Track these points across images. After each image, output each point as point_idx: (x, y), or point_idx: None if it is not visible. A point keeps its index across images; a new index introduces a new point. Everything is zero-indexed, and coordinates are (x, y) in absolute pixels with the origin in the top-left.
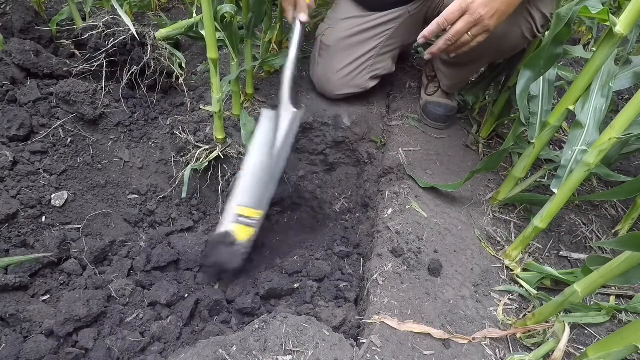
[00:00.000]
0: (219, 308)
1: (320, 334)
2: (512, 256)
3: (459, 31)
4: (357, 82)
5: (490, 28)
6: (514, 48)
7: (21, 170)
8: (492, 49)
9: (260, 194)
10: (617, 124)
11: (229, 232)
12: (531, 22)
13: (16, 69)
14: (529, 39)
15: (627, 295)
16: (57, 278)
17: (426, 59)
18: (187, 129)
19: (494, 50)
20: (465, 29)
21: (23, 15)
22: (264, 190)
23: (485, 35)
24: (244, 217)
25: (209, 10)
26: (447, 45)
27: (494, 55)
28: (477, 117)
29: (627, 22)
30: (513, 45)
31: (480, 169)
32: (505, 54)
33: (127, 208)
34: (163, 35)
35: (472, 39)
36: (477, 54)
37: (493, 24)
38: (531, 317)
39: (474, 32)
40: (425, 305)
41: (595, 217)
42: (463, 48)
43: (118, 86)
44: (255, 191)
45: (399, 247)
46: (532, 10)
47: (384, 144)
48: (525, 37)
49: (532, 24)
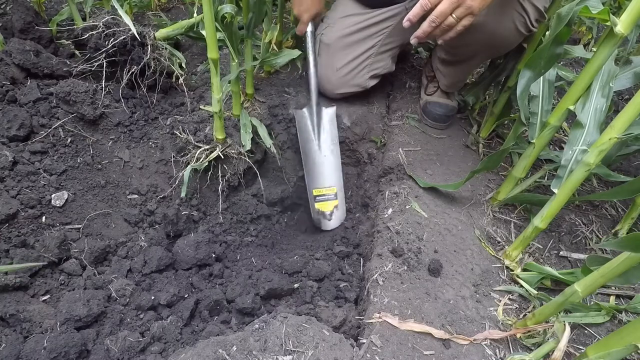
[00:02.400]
0: (219, 308)
1: (320, 334)
2: (512, 256)
3: (442, 12)
4: (357, 81)
5: (475, 11)
6: (508, 44)
7: (21, 170)
8: (486, 45)
9: (325, 175)
10: (617, 124)
11: (317, 210)
12: (524, 15)
13: (16, 69)
14: (523, 34)
15: (627, 295)
16: (57, 278)
17: (412, 43)
18: (187, 129)
19: (488, 45)
20: (449, 10)
21: (23, 15)
22: (327, 171)
23: (470, 18)
24: (321, 195)
25: (209, 10)
26: (431, 27)
27: (488, 51)
28: (477, 117)
29: (628, 22)
30: (507, 40)
31: (480, 169)
32: (500, 50)
33: (127, 208)
34: (163, 35)
35: (456, 22)
36: (471, 50)
37: (477, 6)
38: (531, 317)
39: (458, 13)
40: (425, 305)
41: (595, 217)
42: (449, 33)
43: (118, 86)
44: (319, 174)
45: (399, 247)
46: (524, 3)
47: (384, 144)
48: (519, 32)
49: (526, 18)
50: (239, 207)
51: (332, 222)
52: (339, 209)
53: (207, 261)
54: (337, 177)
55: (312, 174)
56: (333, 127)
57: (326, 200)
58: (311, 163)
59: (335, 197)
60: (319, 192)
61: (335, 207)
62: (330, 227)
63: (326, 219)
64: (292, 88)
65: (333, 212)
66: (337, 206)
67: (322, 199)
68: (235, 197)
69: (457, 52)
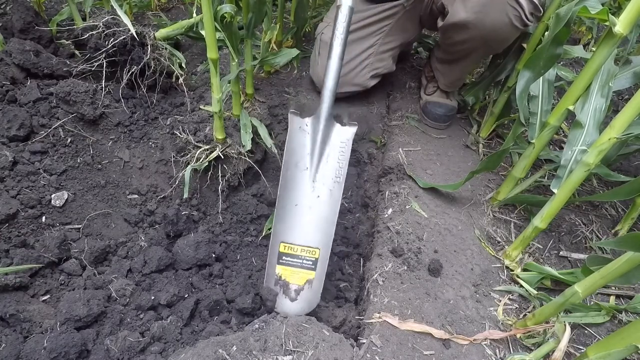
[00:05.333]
0: (219, 308)
1: (320, 334)
2: (512, 256)
3: None
4: (357, 80)
5: None
6: (503, 39)
7: (21, 170)
8: (481, 41)
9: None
10: (617, 124)
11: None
12: (518, 9)
13: (16, 69)
14: (519, 28)
15: (627, 295)
16: (57, 278)
17: None
18: (187, 129)
19: (484, 41)
20: None
21: (23, 15)
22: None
23: None
24: (291, 255)
25: (209, 10)
26: None
27: (484, 48)
28: (477, 117)
29: (627, 22)
30: (502, 35)
31: (480, 169)
32: (495, 46)
33: (127, 208)
34: (163, 35)
35: None
36: (467, 47)
37: None
38: (531, 318)
39: None
40: (425, 305)
41: (595, 217)
42: None
43: (118, 86)
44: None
45: (399, 247)
46: None
47: (384, 144)
48: (514, 26)
49: (520, 11)
50: (239, 207)
51: (296, 304)
52: (312, 287)
53: (207, 261)
54: (326, 236)
55: (288, 217)
56: (344, 157)
57: (297, 267)
58: (292, 201)
59: (313, 267)
60: (291, 249)
61: (307, 283)
62: (290, 312)
63: (287, 297)
64: (292, 88)
65: (303, 289)
66: (312, 282)
67: (292, 262)
68: (235, 197)
69: (453, 49)
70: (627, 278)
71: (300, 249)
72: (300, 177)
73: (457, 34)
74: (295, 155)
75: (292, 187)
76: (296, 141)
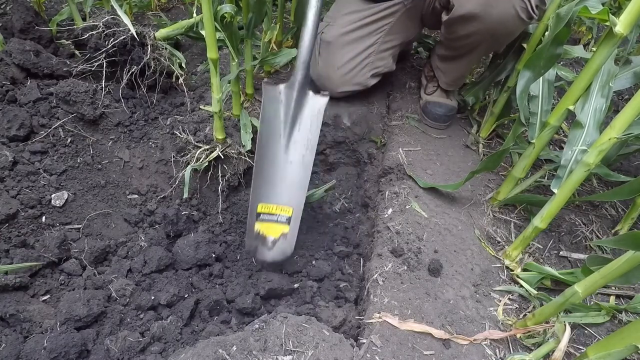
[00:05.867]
0: (219, 308)
1: (320, 334)
2: (512, 256)
3: None
4: (358, 79)
5: None
6: (509, 32)
7: (21, 170)
8: (487, 34)
9: (283, 188)
10: (617, 124)
11: (257, 232)
12: (525, 1)
13: (16, 69)
14: (525, 21)
15: (627, 295)
16: (57, 278)
17: None
18: (187, 129)
19: (489, 35)
20: None
21: (23, 15)
22: (287, 184)
23: None
24: (268, 214)
25: (209, 10)
26: None
27: (489, 42)
28: (477, 117)
29: (627, 22)
30: (509, 28)
31: (480, 169)
32: (501, 40)
33: (127, 208)
34: (163, 35)
35: None
36: (472, 41)
37: None
38: (531, 318)
39: None
40: (425, 305)
41: (595, 217)
42: None
43: (118, 86)
44: (273, 185)
45: (399, 247)
46: None
47: (384, 144)
48: (520, 19)
49: (527, 3)
50: (239, 207)
51: (272, 252)
52: (287, 239)
53: (207, 261)
54: (298, 196)
55: (264, 182)
56: (316, 125)
57: (273, 222)
58: (267, 167)
59: (287, 222)
60: (267, 208)
61: (282, 235)
62: (267, 259)
63: (265, 247)
64: None
65: (278, 240)
66: (286, 235)
67: (268, 218)
68: (235, 197)
69: (457, 44)
70: (627, 278)
71: (276, 207)
72: (275, 144)
73: (463, 28)
74: (269, 124)
75: (267, 153)
76: (270, 110)
